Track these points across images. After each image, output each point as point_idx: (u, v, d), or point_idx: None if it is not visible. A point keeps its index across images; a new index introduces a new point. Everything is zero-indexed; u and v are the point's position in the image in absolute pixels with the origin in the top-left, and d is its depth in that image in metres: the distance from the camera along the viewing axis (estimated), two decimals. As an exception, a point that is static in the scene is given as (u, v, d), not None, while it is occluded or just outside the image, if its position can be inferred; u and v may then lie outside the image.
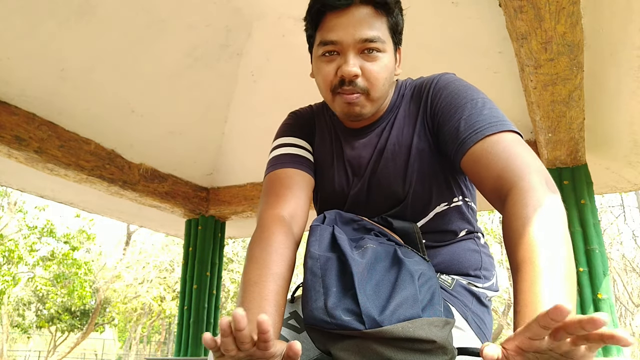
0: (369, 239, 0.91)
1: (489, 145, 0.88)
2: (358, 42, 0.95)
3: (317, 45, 1.00)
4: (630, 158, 3.12)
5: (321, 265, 0.82)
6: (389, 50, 0.99)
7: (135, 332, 20.40)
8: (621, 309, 12.18)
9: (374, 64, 0.96)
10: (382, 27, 0.97)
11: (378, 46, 0.96)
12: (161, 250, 16.17)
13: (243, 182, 4.04)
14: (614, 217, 13.00)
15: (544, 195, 0.79)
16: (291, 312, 0.98)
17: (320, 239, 0.87)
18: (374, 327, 0.72)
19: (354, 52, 0.96)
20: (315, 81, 1.05)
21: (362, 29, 0.95)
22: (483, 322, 1.03)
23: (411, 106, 1.06)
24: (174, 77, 3.17)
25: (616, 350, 2.79)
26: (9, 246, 12.60)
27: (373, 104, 1.00)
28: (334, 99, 1.00)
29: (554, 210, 0.78)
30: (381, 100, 1.01)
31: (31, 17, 2.50)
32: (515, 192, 0.82)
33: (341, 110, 1.00)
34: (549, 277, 0.70)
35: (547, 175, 0.84)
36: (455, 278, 1.04)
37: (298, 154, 1.10)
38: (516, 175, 0.83)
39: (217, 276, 4.19)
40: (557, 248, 0.73)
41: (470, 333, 0.99)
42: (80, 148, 3.14)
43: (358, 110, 0.99)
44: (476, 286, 1.06)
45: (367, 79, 0.96)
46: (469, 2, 2.47)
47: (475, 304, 1.04)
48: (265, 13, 2.95)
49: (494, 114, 0.93)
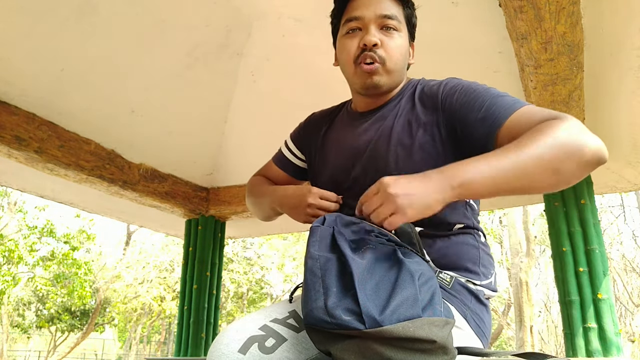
0: (368, 239, 0.92)
1: (521, 115, 0.96)
2: (379, 17, 1.09)
3: (342, 25, 1.15)
4: (630, 158, 3.12)
5: (321, 266, 0.83)
6: (404, 33, 1.13)
7: (135, 332, 20.40)
8: (621, 309, 12.18)
9: (391, 40, 1.10)
10: (399, 11, 1.12)
11: (395, 25, 1.10)
12: (161, 250, 16.18)
13: (243, 182, 4.03)
14: (614, 217, 13.01)
15: (559, 119, 0.91)
16: (290, 312, 0.98)
17: (320, 239, 0.88)
18: (374, 327, 0.72)
19: (374, 26, 1.10)
20: (339, 61, 1.18)
21: (383, 6, 1.10)
22: (482, 320, 1.04)
23: (418, 102, 1.12)
24: (174, 77, 3.17)
25: (616, 350, 2.79)
26: (9, 246, 12.60)
27: (390, 76, 1.11)
28: (355, 70, 1.12)
29: (555, 123, 0.89)
30: (396, 76, 1.13)
31: (31, 17, 2.50)
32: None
33: (361, 81, 1.11)
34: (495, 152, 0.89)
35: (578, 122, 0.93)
36: (453, 276, 1.04)
37: (286, 156, 1.35)
38: (553, 115, 0.94)
39: (217, 276, 4.19)
40: (527, 142, 0.87)
41: (469, 332, 0.99)
42: (80, 148, 3.14)
43: (377, 79, 1.10)
44: (474, 283, 1.06)
45: (385, 50, 1.09)
46: (469, 2, 2.46)
47: (474, 303, 1.04)
48: (265, 13, 2.95)
49: (510, 96, 1.04)
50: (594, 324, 2.85)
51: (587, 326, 2.85)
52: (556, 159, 0.86)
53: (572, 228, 3.03)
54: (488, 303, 1.09)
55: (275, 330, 0.92)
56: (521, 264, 10.50)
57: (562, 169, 0.87)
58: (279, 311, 0.98)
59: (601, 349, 2.80)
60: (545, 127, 0.89)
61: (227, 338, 0.89)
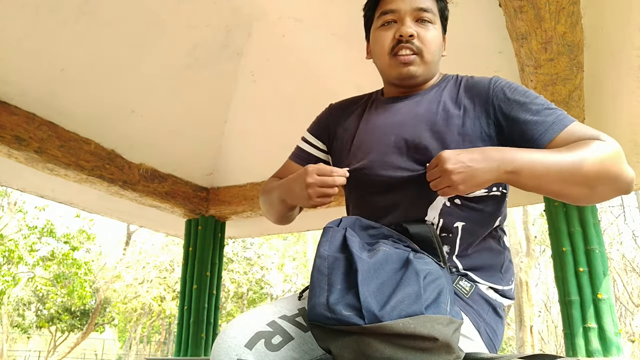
0: (383, 243, 0.91)
1: (571, 130, 1.00)
2: (414, 10, 1.10)
3: (376, 18, 1.15)
4: (630, 158, 3.12)
5: (329, 265, 0.83)
6: (438, 26, 1.13)
7: (135, 332, 20.40)
8: (621, 309, 12.18)
9: (427, 31, 1.10)
10: (434, 4, 1.13)
11: (430, 17, 1.11)
12: (161, 250, 16.17)
13: (243, 182, 4.03)
14: (614, 217, 13.00)
15: (607, 142, 0.97)
16: (300, 309, 0.97)
17: (331, 240, 0.89)
18: (373, 322, 0.72)
19: (410, 18, 1.10)
20: (373, 53, 1.17)
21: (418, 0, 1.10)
22: (495, 332, 1.03)
23: (463, 93, 1.10)
24: (174, 77, 3.17)
25: (616, 350, 2.79)
26: (9, 246, 12.59)
27: (426, 68, 1.11)
28: (390, 62, 1.11)
29: (604, 146, 0.95)
30: (432, 67, 1.12)
31: (31, 17, 2.50)
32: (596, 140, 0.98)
33: (397, 71, 1.11)
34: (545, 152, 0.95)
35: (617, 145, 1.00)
36: (474, 285, 1.03)
37: (305, 149, 1.29)
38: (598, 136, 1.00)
39: (217, 276, 4.19)
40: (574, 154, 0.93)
41: (479, 343, 0.98)
42: (80, 148, 3.14)
43: (413, 70, 1.10)
44: (496, 290, 1.05)
45: (422, 41, 1.09)
46: (469, 2, 2.46)
47: (491, 314, 1.03)
48: (265, 13, 2.95)
49: (559, 109, 1.05)
50: (594, 324, 2.84)
51: (587, 326, 2.85)
52: (597, 179, 0.94)
53: (572, 228, 3.03)
54: (504, 315, 1.08)
55: (283, 328, 0.91)
56: (521, 264, 10.49)
57: (598, 189, 0.95)
58: (288, 307, 0.97)
59: (601, 349, 2.80)
60: (595, 145, 0.95)
61: (235, 331, 0.89)
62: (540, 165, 0.92)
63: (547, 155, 0.94)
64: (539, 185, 0.94)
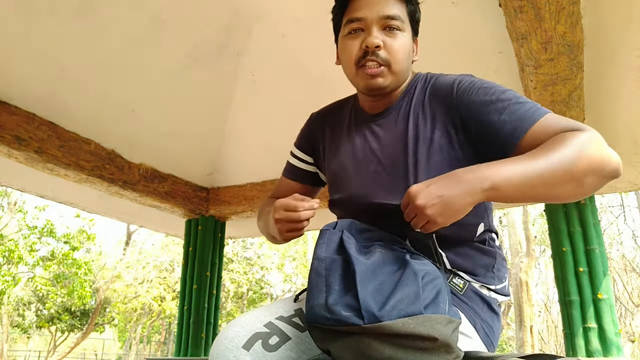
0: (379, 245, 0.92)
1: (543, 123, 0.95)
2: (381, 18, 1.05)
3: (343, 25, 1.11)
4: (630, 158, 3.12)
5: (326, 266, 0.83)
6: (407, 32, 1.09)
7: (135, 332, 20.40)
8: (621, 309, 12.18)
9: (394, 40, 1.06)
10: (402, 10, 1.08)
11: (398, 25, 1.06)
12: (161, 250, 16.18)
13: (243, 182, 4.03)
14: (614, 217, 13.00)
15: (583, 132, 0.91)
16: (296, 310, 0.98)
17: (328, 242, 0.89)
18: (373, 322, 0.71)
19: (377, 27, 1.05)
20: (341, 61, 1.14)
21: (385, 7, 1.06)
22: (491, 329, 1.03)
23: (429, 100, 1.08)
24: (174, 77, 3.17)
25: (616, 350, 2.79)
26: (9, 246, 12.59)
27: (394, 78, 1.07)
28: (357, 72, 1.08)
29: (580, 137, 0.89)
30: (401, 76, 1.08)
31: (31, 17, 2.50)
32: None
33: (364, 83, 1.07)
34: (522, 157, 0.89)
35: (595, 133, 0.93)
36: (467, 282, 1.03)
37: (294, 164, 1.29)
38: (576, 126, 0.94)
39: (217, 276, 4.18)
40: (550, 152, 0.88)
41: (477, 340, 0.98)
42: (80, 148, 3.14)
43: (381, 81, 1.06)
44: (489, 288, 1.05)
45: (389, 52, 1.05)
46: (469, 2, 2.46)
47: (486, 310, 1.03)
48: (265, 13, 2.95)
49: (529, 101, 1.01)
50: (594, 324, 2.85)
51: (587, 326, 2.85)
52: (582, 171, 0.87)
53: (572, 228, 3.03)
54: (500, 311, 1.08)
55: (280, 329, 0.92)
56: (521, 264, 10.50)
57: (585, 181, 0.89)
58: (285, 309, 0.98)
59: (601, 349, 2.80)
60: (571, 138, 0.90)
61: (232, 333, 0.90)
62: (518, 174, 0.86)
63: (522, 162, 0.88)
64: (523, 194, 0.88)
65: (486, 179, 0.86)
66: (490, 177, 0.86)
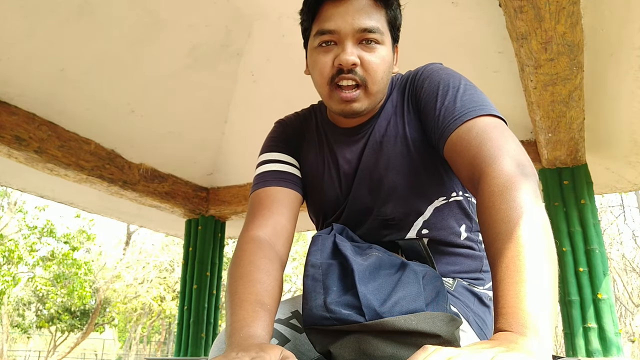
0: (375, 248, 0.90)
1: (464, 132, 0.85)
2: (357, 31, 0.91)
3: (313, 36, 0.96)
4: (630, 158, 3.12)
5: (323, 271, 0.80)
6: (387, 44, 0.95)
7: (135, 332, 20.39)
8: (621, 309, 12.17)
9: (372, 55, 0.92)
10: (380, 19, 0.94)
11: (377, 37, 0.92)
12: (161, 250, 16.18)
13: (243, 182, 4.04)
14: (614, 217, 13.00)
15: (513, 181, 0.73)
16: (293, 312, 0.96)
17: (322, 248, 0.85)
18: (375, 319, 0.70)
19: (352, 41, 0.92)
20: (311, 75, 1.00)
21: (361, 18, 0.91)
22: (484, 322, 1.02)
23: (398, 97, 1.02)
24: (174, 77, 3.17)
25: (616, 350, 2.79)
26: (9, 246, 12.60)
27: (371, 100, 0.95)
28: (330, 93, 0.95)
29: (521, 198, 0.72)
30: (379, 96, 0.97)
31: (31, 17, 2.50)
32: (485, 179, 0.77)
33: (338, 107, 0.96)
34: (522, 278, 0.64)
35: (520, 157, 0.78)
36: (456, 279, 1.03)
37: (282, 170, 1.08)
38: (485, 161, 0.78)
39: (217, 276, 4.19)
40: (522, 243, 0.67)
41: (471, 334, 0.98)
42: (80, 148, 3.14)
43: (357, 107, 0.94)
44: (477, 288, 1.05)
45: (366, 70, 0.92)
46: (469, 2, 2.47)
47: (477, 304, 1.03)
48: (265, 13, 2.95)
49: (474, 98, 0.89)
50: (594, 324, 2.85)
51: (587, 326, 2.85)
52: (550, 239, 0.71)
53: (572, 228, 3.03)
54: (491, 304, 1.07)
55: (278, 331, 0.90)
56: (521, 264, 10.48)
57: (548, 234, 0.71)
58: (281, 311, 0.96)
59: (601, 349, 2.80)
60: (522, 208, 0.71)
61: None
62: (551, 311, 0.63)
63: (541, 293, 0.64)
64: (553, 310, 0.64)
65: (544, 337, 0.61)
66: (543, 330, 0.61)
